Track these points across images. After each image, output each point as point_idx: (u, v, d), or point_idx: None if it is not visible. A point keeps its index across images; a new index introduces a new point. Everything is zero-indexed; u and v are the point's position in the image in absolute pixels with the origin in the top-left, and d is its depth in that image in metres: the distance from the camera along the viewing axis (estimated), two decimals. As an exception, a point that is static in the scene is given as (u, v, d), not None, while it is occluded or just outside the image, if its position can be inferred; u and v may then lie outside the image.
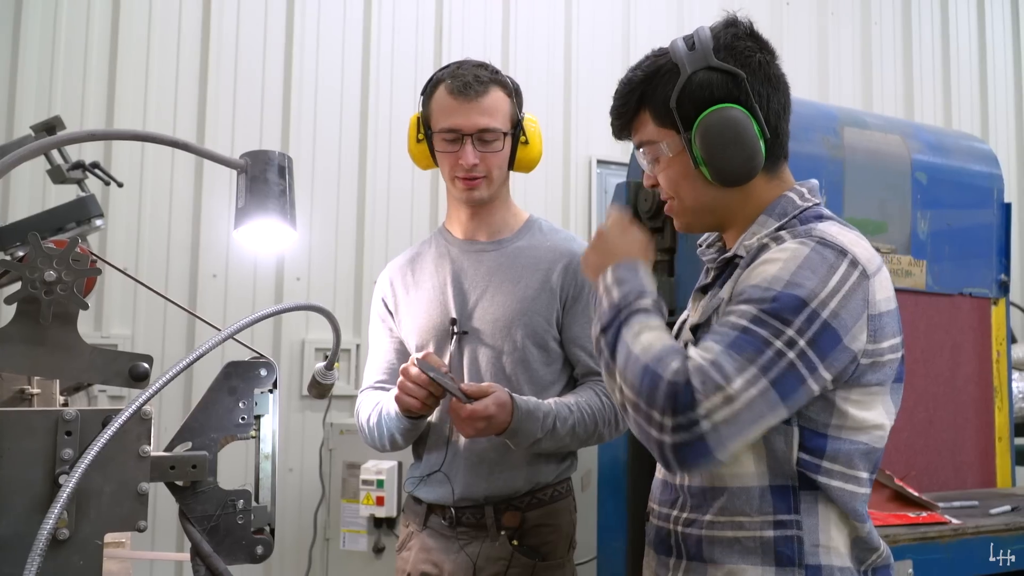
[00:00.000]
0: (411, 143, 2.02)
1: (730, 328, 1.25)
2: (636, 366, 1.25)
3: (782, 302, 1.23)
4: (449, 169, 1.96)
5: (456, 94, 1.91)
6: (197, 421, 1.20)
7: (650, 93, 1.42)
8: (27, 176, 3.20)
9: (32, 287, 1.11)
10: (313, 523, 3.40)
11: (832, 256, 1.28)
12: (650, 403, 1.22)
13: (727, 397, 1.19)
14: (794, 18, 4.75)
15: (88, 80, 3.39)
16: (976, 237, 3.03)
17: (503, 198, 2.04)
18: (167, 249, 3.45)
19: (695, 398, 1.18)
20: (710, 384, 1.19)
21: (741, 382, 1.20)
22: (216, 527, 1.18)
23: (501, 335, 1.94)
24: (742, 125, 1.36)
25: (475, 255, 2.02)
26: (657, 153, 1.44)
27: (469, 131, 1.91)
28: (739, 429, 1.20)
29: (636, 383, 1.24)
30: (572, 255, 1.99)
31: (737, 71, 1.37)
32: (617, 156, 4.14)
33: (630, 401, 1.26)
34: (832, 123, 2.82)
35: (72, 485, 0.92)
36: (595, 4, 4.27)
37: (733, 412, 1.19)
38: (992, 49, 5.32)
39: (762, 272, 1.28)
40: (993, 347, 3.01)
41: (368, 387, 2.10)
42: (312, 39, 3.72)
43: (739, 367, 1.20)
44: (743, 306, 1.26)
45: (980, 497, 2.70)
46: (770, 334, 1.22)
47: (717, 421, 1.18)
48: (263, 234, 1.30)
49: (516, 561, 1.90)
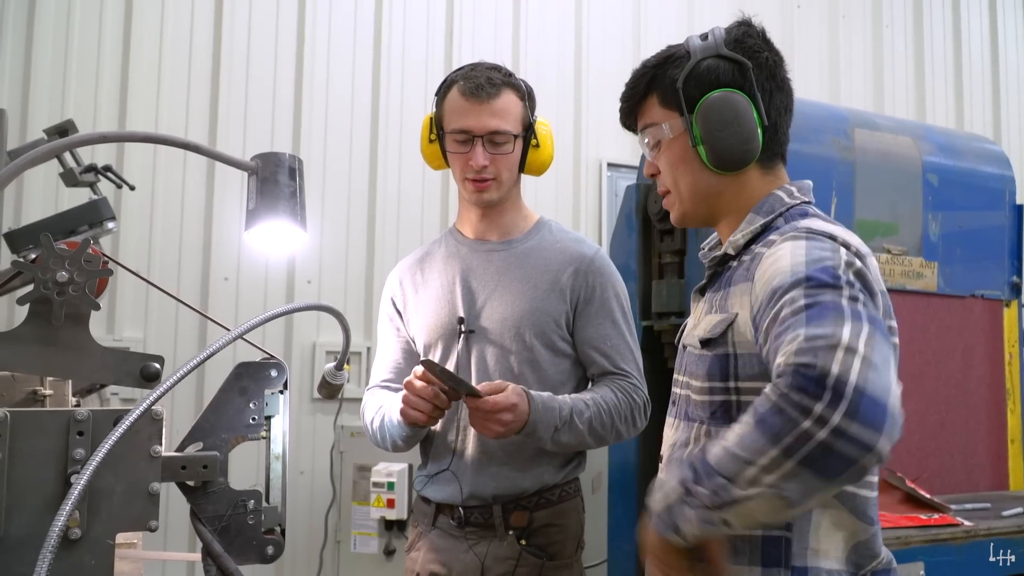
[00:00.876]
0: (423, 143, 2.03)
1: (792, 316, 1.17)
2: (754, 434, 1.12)
3: (817, 276, 1.21)
4: (460, 170, 1.97)
5: (468, 95, 1.92)
6: (208, 422, 1.21)
7: (660, 76, 1.47)
8: (40, 179, 3.22)
9: (44, 288, 1.11)
10: (324, 525, 3.41)
11: (827, 241, 1.29)
12: (785, 427, 1.08)
13: (846, 349, 1.09)
14: (805, 21, 4.74)
15: (101, 84, 3.41)
16: (988, 239, 3.02)
17: (513, 200, 2.05)
18: (179, 252, 3.46)
19: (819, 372, 1.07)
20: (820, 353, 1.09)
21: (847, 332, 1.11)
22: (227, 527, 1.18)
23: (509, 334, 1.94)
24: (742, 108, 1.41)
25: (485, 255, 2.03)
26: (659, 136, 1.47)
27: (480, 132, 1.92)
28: (881, 373, 1.09)
29: (769, 432, 1.10)
30: (582, 257, 2.00)
31: (744, 60, 1.42)
32: (627, 159, 4.14)
33: (792, 445, 1.09)
34: (843, 125, 2.81)
35: (84, 482, 0.93)
36: (605, 7, 4.27)
37: (862, 357, 1.09)
38: (1004, 51, 5.30)
39: (775, 271, 1.27)
40: (1005, 349, 2.99)
41: (374, 385, 2.11)
42: (323, 42, 3.74)
43: (832, 326, 1.12)
44: (785, 297, 1.20)
45: (992, 499, 2.69)
46: (833, 295, 1.17)
47: (856, 371, 1.07)
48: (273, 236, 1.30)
49: (524, 561, 1.90)
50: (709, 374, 1.38)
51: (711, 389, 1.38)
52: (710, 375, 1.38)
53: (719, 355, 1.37)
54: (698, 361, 1.41)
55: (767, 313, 1.24)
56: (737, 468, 1.13)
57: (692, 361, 1.44)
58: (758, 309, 1.28)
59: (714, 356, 1.37)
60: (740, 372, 1.35)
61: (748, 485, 1.12)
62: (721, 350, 1.36)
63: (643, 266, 2.86)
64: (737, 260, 1.43)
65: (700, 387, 1.40)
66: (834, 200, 2.70)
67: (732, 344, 1.35)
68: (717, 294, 1.44)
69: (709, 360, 1.38)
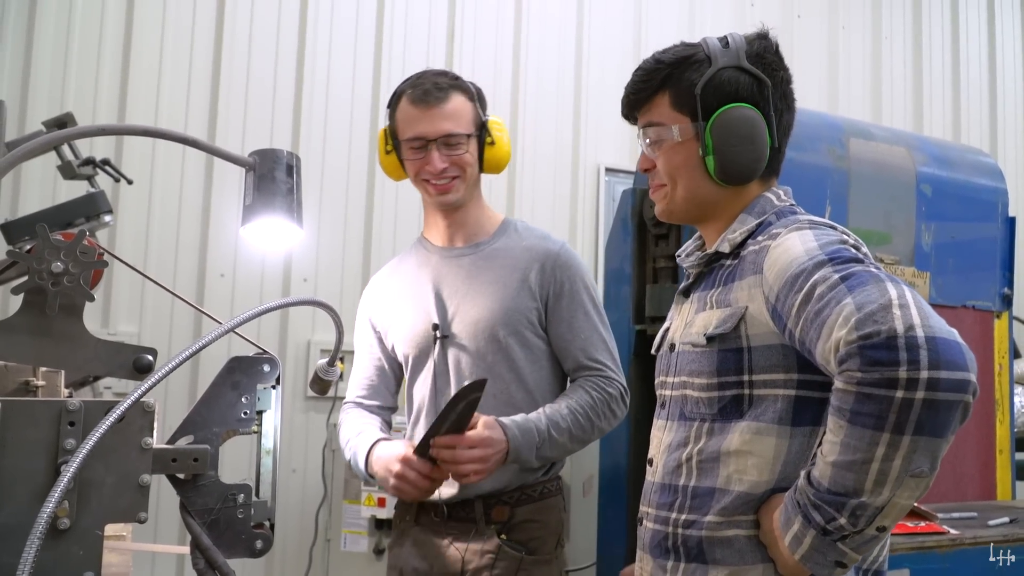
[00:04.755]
0: (381, 155, 2.07)
1: (829, 290, 1.17)
2: (854, 432, 1.13)
3: (839, 254, 1.23)
4: (420, 176, 2.00)
5: (418, 103, 1.97)
6: (200, 415, 1.21)
7: (676, 76, 1.45)
8: (38, 172, 3.23)
9: (39, 278, 1.12)
10: (315, 523, 3.41)
11: (831, 230, 1.32)
12: (882, 408, 1.09)
13: (899, 305, 1.10)
14: (805, 31, 4.75)
15: (101, 78, 3.41)
16: (980, 250, 3.03)
17: (476, 200, 2.08)
18: (175, 248, 3.46)
19: (886, 337, 1.08)
20: (878, 316, 1.10)
21: (892, 290, 1.12)
22: (216, 520, 1.19)
23: (484, 337, 1.97)
24: (759, 127, 1.41)
25: (454, 260, 2.07)
26: (663, 136, 1.46)
27: (433, 136, 1.96)
28: (938, 318, 1.11)
29: (869, 422, 1.11)
30: (548, 253, 2.03)
31: (764, 77, 1.43)
32: (625, 164, 4.14)
33: (898, 421, 1.10)
34: (838, 134, 2.82)
35: (73, 470, 0.93)
36: (606, 13, 4.28)
37: (917, 307, 1.10)
38: (1002, 64, 5.32)
39: (789, 259, 1.27)
40: (995, 360, 3.01)
41: (349, 401, 2.16)
42: (324, 40, 3.74)
43: (876, 290, 1.13)
44: (814, 277, 1.21)
45: (979, 509, 2.70)
46: (862, 266, 1.19)
47: (918, 322, 1.08)
48: (269, 232, 1.32)
49: (504, 554, 1.93)
50: (718, 370, 1.38)
51: (720, 384, 1.38)
52: (720, 370, 1.38)
53: (730, 350, 1.37)
54: (701, 358, 1.41)
55: (793, 298, 1.24)
56: (858, 476, 1.12)
57: (690, 359, 1.43)
58: (777, 297, 1.28)
59: (723, 351, 1.38)
60: (755, 365, 1.35)
61: (877, 487, 1.12)
62: (732, 344, 1.37)
63: (638, 270, 2.87)
64: (733, 257, 1.44)
65: (705, 384, 1.40)
66: (828, 209, 2.71)
67: (746, 338, 1.36)
68: (711, 291, 1.45)
69: (717, 356, 1.38)
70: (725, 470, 1.35)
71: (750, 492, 1.33)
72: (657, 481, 1.48)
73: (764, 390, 1.35)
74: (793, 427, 1.32)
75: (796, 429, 1.32)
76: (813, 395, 1.31)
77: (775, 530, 1.27)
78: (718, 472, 1.36)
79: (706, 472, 1.38)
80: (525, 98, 4.03)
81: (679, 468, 1.43)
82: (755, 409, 1.35)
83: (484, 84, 2.13)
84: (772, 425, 1.32)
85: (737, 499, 1.34)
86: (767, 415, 1.33)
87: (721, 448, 1.37)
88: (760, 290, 1.33)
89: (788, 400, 1.32)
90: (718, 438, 1.38)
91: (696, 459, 1.40)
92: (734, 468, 1.35)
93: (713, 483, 1.37)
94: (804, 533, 1.21)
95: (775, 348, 1.33)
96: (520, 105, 4.01)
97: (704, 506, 1.37)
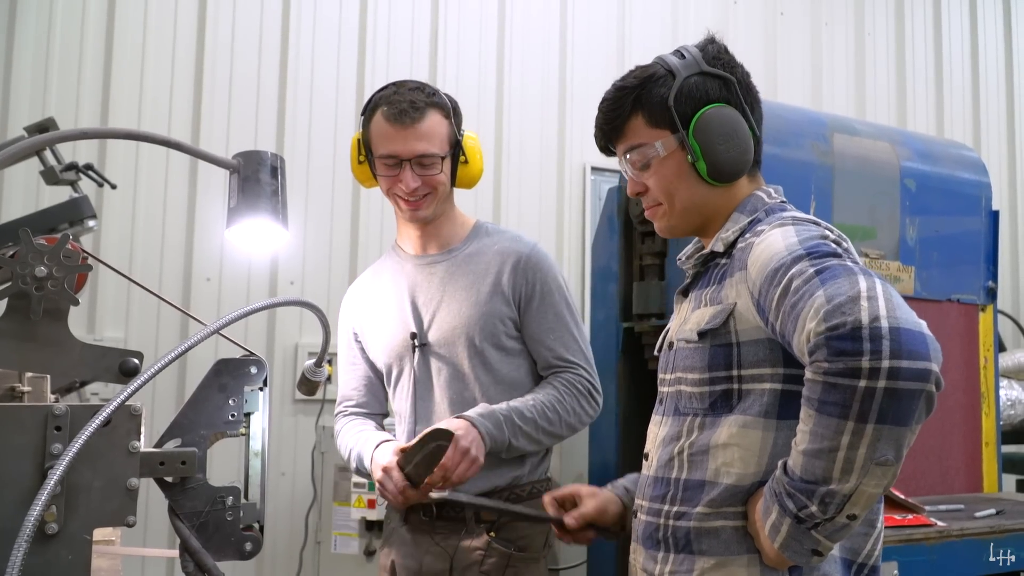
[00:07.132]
0: (353, 163, 2.05)
1: (804, 284, 1.21)
2: (821, 420, 1.16)
3: (818, 248, 1.26)
4: (393, 191, 2.00)
5: (393, 121, 1.94)
6: (187, 418, 1.21)
7: (645, 95, 1.48)
8: (21, 177, 3.21)
9: (23, 282, 1.11)
10: (304, 526, 3.40)
11: (812, 226, 1.35)
12: (846, 397, 1.11)
13: (867, 297, 1.13)
14: (788, 28, 4.77)
15: (83, 82, 3.39)
16: (964, 244, 3.05)
17: (448, 212, 2.09)
18: (161, 252, 3.45)
19: (851, 327, 1.11)
20: (846, 308, 1.13)
21: (863, 283, 1.15)
22: (205, 523, 1.19)
23: (460, 342, 1.99)
24: (738, 122, 1.45)
25: (428, 268, 2.08)
26: (648, 155, 1.48)
27: (407, 156, 1.94)
28: (906, 310, 1.14)
29: (834, 410, 1.14)
30: (518, 255, 2.04)
31: (727, 76, 1.47)
32: (611, 163, 4.13)
33: (861, 410, 1.12)
34: (822, 130, 2.84)
35: (59, 474, 0.93)
36: (590, 12, 4.29)
37: (884, 299, 1.13)
38: (984, 59, 5.36)
39: (770, 255, 1.30)
40: (981, 353, 3.03)
41: (340, 412, 2.18)
42: (308, 41, 3.73)
43: (847, 282, 1.16)
44: (791, 271, 1.24)
45: (966, 501, 2.72)
46: (838, 260, 1.22)
47: (884, 313, 1.12)
48: (255, 234, 1.31)
49: (492, 551, 1.94)
50: (709, 365, 1.41)
51: (711, 379, 1.41)
52: (711, 366, 1.41)
53: (720, 345, 1.40)
54: (694, 354, 1.44)
55: (772, 291, 1.27)
56: (826, 464, 1.16)
57: (686, 355, 1.46)
58: (759, 291, 1.31)
59: (714, 347, 1.40)
60: (743, 360, 1.38)
61: (844, 474, 1.15)
62: (722, 340, 1.40)
63: (624, 268, 2.88)
64: (726, 256, 1.46)
65: (697, 379, 1.43)
66: (813, 204, 2.72)
67: (735, 333, 1.38)
68: (706, 290, 1.47)
69: (709, 351, 1.41)
70: (714, 463, 1.38)
71: (737, 484, 1.36)
72: (651, 475, 1.50)
73: (752, 384, 1.37)
74: (779, 420, 1.34)
75: (782, 422, 1.33)
76: (798, 389, 1.32)
77: (757, 521, 1.30)
78: (707, 465, 1.39)
79: (696, 465, 1.40)
80: (510, 97, 4.03)
81: (671, 461, 1.45)
82: (743, 403, 1.37)
83: (468, 84, 2.13)
84: (758, 418, 1.35)
85: (725, 491, 1.36)
86: (754, 408, 1.36)
87: (711, 441, 1.39)
88: (745, 286, 1.36)
89: (774, 394, 1.35)
90: (708, 432, 1.40)
91: (687, 452, 1.42)
92: (722, 461, 1.37)
93: (703, 476, 1.39)
94: (781, 522, 1.24)
95: (762, 343, 1.36)
96: (505, 104, 4.01)
97: (694, 498, 1.39)
